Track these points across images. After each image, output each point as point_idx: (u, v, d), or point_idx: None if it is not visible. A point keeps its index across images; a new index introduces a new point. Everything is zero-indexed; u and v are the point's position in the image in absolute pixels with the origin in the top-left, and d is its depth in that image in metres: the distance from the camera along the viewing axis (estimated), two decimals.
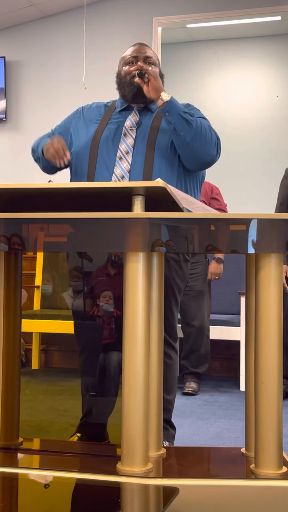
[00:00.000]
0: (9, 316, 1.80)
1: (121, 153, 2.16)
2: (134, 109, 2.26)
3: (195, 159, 2.17)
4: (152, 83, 2.14)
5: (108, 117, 2.27)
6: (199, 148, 2.13)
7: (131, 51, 2.30)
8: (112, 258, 2.11)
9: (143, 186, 1.55)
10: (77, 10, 5.49)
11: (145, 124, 2.22)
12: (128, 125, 2.22)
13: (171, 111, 2.12)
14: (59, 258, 2.52)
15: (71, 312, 2.21)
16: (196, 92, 6.28)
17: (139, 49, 2.30)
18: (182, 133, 2.11)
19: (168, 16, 5.36)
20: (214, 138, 2.18)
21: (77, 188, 1.63)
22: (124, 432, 1.55)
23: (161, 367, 1.75)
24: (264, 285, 1.55)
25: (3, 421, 1.77)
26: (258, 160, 6.11)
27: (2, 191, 1.64)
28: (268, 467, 1.54)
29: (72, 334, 2.19)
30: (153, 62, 2.28)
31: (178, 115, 2.12)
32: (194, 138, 2.12)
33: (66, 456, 1.75)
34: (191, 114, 2.15)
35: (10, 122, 5.73)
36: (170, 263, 2.16)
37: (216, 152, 2.20)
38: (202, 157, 2.16)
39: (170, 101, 2.13)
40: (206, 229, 1.55)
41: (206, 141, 2.14)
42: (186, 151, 2.14)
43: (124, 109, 2.28)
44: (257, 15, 5.25)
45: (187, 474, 1.66)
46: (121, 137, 2.19)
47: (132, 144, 2.17)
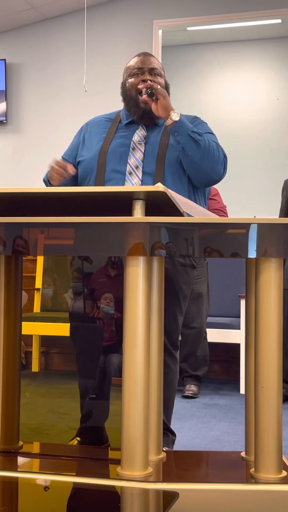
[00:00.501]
0: (10, 318, 1.80)
1: (130, 168, 2.15)
2: (141, 124, 2.24)
3: (202, 178, 2.18)
4: (162, 102, 2.12)
5: (113, 130, 2.26)
6: (207, 167, 2.14)
7: (135, 61, 2.26)
8: (112, 259, 2.11)
9: (144, 190, 1.55)
10: (77, 12, 5.50)
11: (153, 140, 2.21)
12: (137, 139, 2.20)
13: (180, 131, 2.12)
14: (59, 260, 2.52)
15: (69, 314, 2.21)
16: (197, 95, 6.30)
17: (143, 60, 2.26)
18: (191, 153, 2.11)
19: (168, 19, 5.37)
20: (221, 156, 2.18)
21: (78, 193, 1.64)
22: (124, 436, 1.55)
23: (161, 371, 1.75)
24: (264, 290, 1.56)
25: (3, 424, 1.77)
26: (258, 162, 6.12)
27: (3, 195, 1.64)
28: (268, 471, 1.54)
29: None
30: (159, 74, 2.26)
31: (187, 135, 2.11)
32: (202, 158, 2.12)
33: (66, 460, 1.75)
34: (200, 133, 2.14)
35: (10, 125, 5.74)
36: (177, 268, 2.16)
37: (223, 170, 2.20)
38: (210, 176, 2.17)
39: (179, 121, 2.12)
40: (206, 233, 1.55)
41: (214, 160, 2.15)
42: (194, 170, 2.15)
43: (130, 122, 2.26)
44: (257, 18, 5.26)
45: (187, 478, 1.66)
46: (130, 151, 2.18)
47: (141, 158, 2.16)
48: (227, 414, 3.43)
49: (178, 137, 2.12)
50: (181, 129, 2.12)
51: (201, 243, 1.56)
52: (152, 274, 1.71)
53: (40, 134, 5.62)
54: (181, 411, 3.47)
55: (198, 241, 1.55)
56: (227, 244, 1.55)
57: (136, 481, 1.52)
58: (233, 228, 1.55)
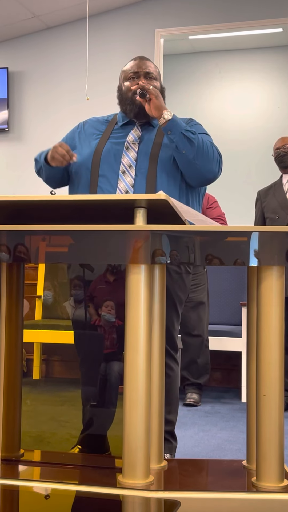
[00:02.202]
0: (11, 326, 1.81)
1: (124, 167, 2.16)
2: (136, 124, 2.26)
3: (197, 176, 2.18)
4: (154, 102, 2.14)
5: (109, 132, 2.28)
6: (201, 165, 2.14)
7: (131, 65, 2.30)
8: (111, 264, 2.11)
9: (145, 198, 1.55)
10: (79, 21, 5.53)
11: (147, 139, 2.22)
12: (131, 139, 2.22)
13: (173, 130, 2.13)
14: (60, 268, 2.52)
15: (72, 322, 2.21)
16: (198, 103, 6.32)
17: (139, 64, 2.29)
18: (184, 151, 2.12)
19: (170, 27, 5.39)
20: (216, 155, 2.19)
21: (80, 201, 1.64)
22: (126, 444, 1.54)
23: (163, 379, 1.75)
24: (266, 298, 1.56)
25: (4, 432, 1.77)
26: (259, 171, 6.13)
27: (5, 203, 1.65)
28: (269, 480, 1.54)
29: (73, 344, 2.19)
30: (154, 77, 2.28)
31: (180, 133, 2.12)
32: (196, 156, 2.12)
33: (67, 468, 1.74)
34: (193, 132, 2.15)
35: (12, 132, 5.76)
36: (172, 275, 2.16)
37: (218, 169, 2.21)
38: (204, 175, 2.17)
39: (172, 120, 2.13)
40: (208, 241, 1.56)
41: (208, 158, 2.15)
42: (188, 168, 2.15)
43: (126, 123, 2.28)
44: (258, 27, 5.29)
45: (188, 486, 1.65)
46: (124, 151, 2.19)
47: (135, 157, 2.18)
48: (229, 422, 3.42)
49: (172, 135, 2.13)
50: (174, 128, 2.13)
51: (203, 251, 1.56)
52: (153, 281, 1.71)
53: (42, 142, 5.62)
54: (183, 419, 3.47)
55: (200, 249, 1.56)
56: (229, 252, 1.55)
57: (138, 489, 1.51)
58: (234, 236, 1.55)
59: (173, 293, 2.15)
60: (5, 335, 1.79)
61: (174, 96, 6.05)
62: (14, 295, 1.81)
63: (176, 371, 2.24)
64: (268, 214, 3.97)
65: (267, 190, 4.09)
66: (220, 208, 4.10)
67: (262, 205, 4.03)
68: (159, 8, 5.40)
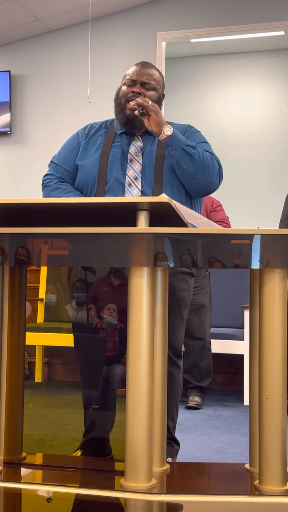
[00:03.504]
0: (14, 329, 1.81)
1: (130, 179, 2.17)
2: (136, 135, 2.25)
3: (198, 189, 2.20)
4: (154, 119, 2.14)
5: (110, 141, 2.26)
6: (202, 179, 2.16)
7: (132, 71, 2.28)
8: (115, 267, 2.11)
9: (148, 201, 1.55)
10: (82, 25, 5.54)
11: (150, 151, 2.22)
12: (133, 151, 2.22)
13: (173, 145, 2.13)
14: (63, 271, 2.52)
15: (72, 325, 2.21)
16: (200, 107, 6.32)
17: (139, 71, 2.26)
18: (186, 167, 2.12)
19: (172, 31, 5.40)
20: (216, 167, 2.19)
21: (82, 204, 1.64)
22: (128, 447, 1.54)
23: (165, 382, 1.75)
24: (268, 300, 1.55)
25: (6, 435, 1.76)
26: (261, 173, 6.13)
27: (7, 206, 1.65)
28: (272, 483, 1.53)
29: None
30: (152, 87, 2.25)
31: (180, 149, 2.12)
32: (197, 171, 2.13)
33: (69, 471, 1.74)
34: (194, 146, 2.15)
35: (15, 136, 5.77)
36: (177, 274, 2.18)
37: (219, 181, 2.22)
38: (205, 187, 2.19)
39: (172, 135, 2.13)
40: (210, 244, 1.56)
41: (208, 172, 2.16)
42: (189, 182, 2.17)
43: (125, 132, 2.28)
44: (260, 30, 5.29)
45: (191, 490, 1.65)
46: (128, 164, 2.19)
47: (140, 170, 2.18)
48: (231, 426, 3.41)
49: (172, 151, 2.14)
50: (174, 144, 2.13)
51: (205, 254, 1.56)
52: (156, 284, 1.71)
53: (44, 145, 5.64)
54: (185, 422, 3.46)
55: (202, 251, 1.55)
56: (231, 254, 1.55)
57: (140, 492, 1.51)
58: (236, 239, 1.55)
59: (177, 292, 2.16)
60: (8, 338, 1.79)
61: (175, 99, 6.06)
62: (16, 298, 1.81)
63: (177, 378, 2.23)
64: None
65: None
66: (224, 211, 4.10)
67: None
68: (161, 11, 5.41)
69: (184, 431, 3.25)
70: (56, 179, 2.32)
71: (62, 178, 2.32)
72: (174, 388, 2.19)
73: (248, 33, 5.37)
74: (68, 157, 2.32)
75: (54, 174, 2.33)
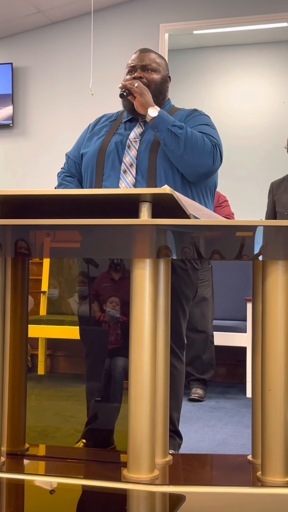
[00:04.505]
0: (16, 321, 1.81)
1: (125, 166, 2.15)
2: (139, 121, 2.25)
3: (190, 171, 2.13)
4: (138, 100, 2.13)
5: (114, 129, 2.27)
6: (191, 160, 2.09)
7: (132, 59, 2.29)
8: (114, 261, 2.11)
9: (150, 192, 1.55)
10: (84, 16, 5.52)
11: (148, 136, 2.20)
12: (132, 137, 2.21)
13: (159, 126, 2.10)
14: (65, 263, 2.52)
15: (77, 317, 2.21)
16: (203, 99, 6.30)
17: (138, 57, 2.27)
18: (172, 148, 2.08)
19: (175, 22, 5.38)
20: (208, 147, 2.12)
21: (85, 195, 1.64)
22: (131, 439, 1.55)
23: (168, 374, 1.75)
24: (271, 292, 1.55)
25: (9, 427, 1.77)
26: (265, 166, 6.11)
27: (10, 197, 1.64)
28: (275, 474, 1.54)
29: (78, 340, 2.19)
30: (153, 69, 2.25)
31: (166, 129, 2.09)
32: (185, 151, 2.08)
33: (72, 462, 1.75)
34: (181, 126, 2.11)
35: (17, 128, 5.76)
36: (177, 271, 2.13)
37: (213, 161, 2.14)
38: (196, 169, 2.12)
39: (157, 116, 2.11)
40: (213, 235, 1.55)
41: (198, 152, 2.09)
42: (179, 164, 2.12)
43: (130, 120, 2.27)
44: (263, 21, 5.27)
45: (193, 481, 1.65)
46: (126, 150, 2.18)
47: (136, 156, 2.16)
48: (233, 418, 3.42)
49: (158, 133, 2.11)
50: (160, 125, 2.10)
51: (208, 245, 1.55)
52: (158, 276, 1.71)
53: (47, 137, 5.63)
54: (187, 414, 3.47)
55: (205, 243, 1.55)
56: (234, 246, 1.55)
57: (143, 483, 1.51)
58: (239, 231, 1.55)
59: (178, 290, 2.13)
60: (10, 331, 1.79)
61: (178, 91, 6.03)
62: (19, 291, 1.81)
63: (180, 370, 2.22)
64: (278, 208, 3.87)
65: (280, 183, 3.96)
66: (229, 207, 4.09)
67: (274, 198, 3.93)
68: (164, 3, 5.39)
69: (187, 423, 3.25)
70: (65, 173, 2.37)
71: (70, 171, 2.36)
72: (177, 380, 2.19)
73: (251, 24, 5.35)
74: (77, 149, 2.36)
75: (65, 167, 2.38)
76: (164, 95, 2.29)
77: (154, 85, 2.23)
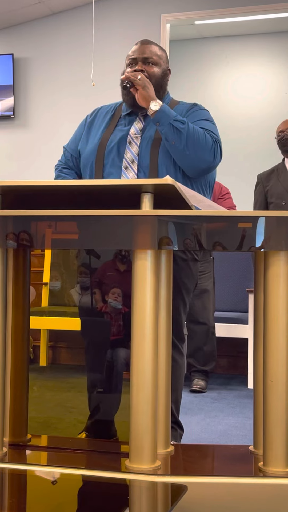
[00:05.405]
0: (18, 313, 1.81)
1: (126, 162, 2.14)
2: (139, 115, 2.23)
3: (191, 167, 2.12)
4: (141, 93, 2.11)
5: (114, 123, 2.25)
6: (193, 155, 2.09)
7: (132, 51, 2.26)
8: (121, 253, 2.10)
9: (152, 183, 1.55)
10: (85, 7, 5.49)
11: (149, 132, 2.18)
12: (133, 132, 2.19)
13: (161, 121, 2.09)
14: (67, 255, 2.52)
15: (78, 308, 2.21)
16: (204, 90, 6.27)
17: (139, 49, 2.25)
18: (174, 142, 2.07)
19: (176, 12, 5.34)
20: (209, 143, 2.11)
21: (86, 186, 1.64)
22: (132, 429, 1.55)
23: (169, 365, 1.75)
24: (273, 283, 1.55)
25: (11, 418, 1.77)
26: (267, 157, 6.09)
27: (11, 188, 1.64)
28: (276, 465, 1.54)
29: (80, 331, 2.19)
30: (154, 62, 2.23)
31: (168, 124, 2.08)
32: (187, 146, 2.07)
33: (74, 453, 1.75)
34: (182, 121, 2.10)
35: (18, 119, 5.74)
36: (178, 262, 2.13)
37: (213, 157, 2.13)
38: (197, 164, 2.12)
39: (159, 110, 2.09)
40: (215, 226, 1.55)
41: (199, 147, 2.09)
42: (180, 159, 2.11)
43: (129, 114, 2.26)
44: (265, 11, 5.23)
45: (195, 471, 1.66)
46: (127, 145, 2.17)
47: (137, 152, 2.15)
48: (235, 409, 3.43)
49: (160, 127, 2.09)
50: (162, 119, 2.09)
51: (209, 236, 1.55)
52: (160, 267, 1.71)
53: (48, 128, 5.61)
54: (189, 405, 3.48)
55: (206, 234, 1.55)
56: (235, 237, 1.55)
57: (145, 474, 1.52)
58: (241, 221, 1.54)
59: (179, 281, 2.13)
60: (12, 322, 1.79)
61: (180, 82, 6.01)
62: (20, 282, 1.81)
63: (180, 363, 2.22)
64: (273, 199, 3.86)
65: (269, 174, 3.96)
66: (232, 199, 4.08)
67: (265, 190, 3.92)
68: None
69: (188, 414, 3.26)
70: (62, 165, 2.36)
71: (67, 164, 2.34)
72: (176, 371, 2.19)
73: (253, 14, 5.31)
74: (74, 142, 2.35)
75: (62, 160, 2.37)
76: (164, 89, 2.28)
77: (155, 79, 2.21)
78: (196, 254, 2.22)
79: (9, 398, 1.77)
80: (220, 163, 2.22)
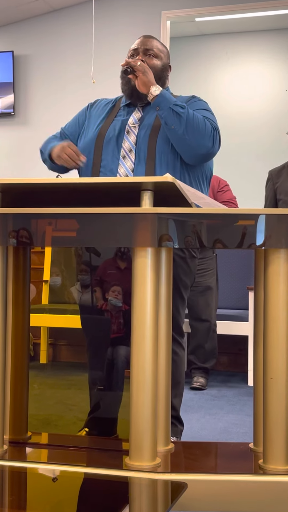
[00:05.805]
0: (18, 310, 1.81)
1: (124, 151, 2.15)
2: (138, 106, 2.24)
3: (190, 153, 2.12)
4: (141, 78, 2.12)
5: (114, 114, 2.26)
6: (192, 140, 2.09)
7: (135, 44, 2.30)
8: (121, 250, 2.10)
9: (152, 181, 1.54)
10: (85, 4, 5.48)
11: (147, 121, 2.19)
12: (131, 122, 2.20)
13: (161, 105, 2.10)
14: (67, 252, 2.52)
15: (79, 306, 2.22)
16: (205, 86, 6.26)
17: (142, 41, 2.28)
18: (173, 127, 2.08)
19: (177, 9, 5.33)
20: (209, 129, 2.12)
21: (85, 184, 1.63)
22: (133, 427, 1.55)
23: (169, 362, 1.75)
24: (273, 281, 1.55)
25: (12, 415, 1.78)
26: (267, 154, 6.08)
27: (11, 186, 1.64)
28: (276, 462, 1.54)
29: (81, 329, 2.19)
30: (155, 55, 2.25)
31: (168, 108, 2.08)
32: (186, 131, 2.07)
33: (74, 450, 1.75)
34: (182, 106, 2.10)
35: (18, 117, 5.74)
36: (176, 260, 2.14)
37: (212, 143, 2.13)
38: (196, 150, 2.12)
39: (160, 95, 2.10)
40: (215, 224, 1.55)
41: (199, 133, 2.09)
42: (179, 144, 2.11)
43: (128, 105, 2.26)
44: (266, 8, 5.22)
45: (195, 469, 1.66)
46: (125, 135, 2.17)
47: (135, 141, 2.15)
48: (235, 406, 3.43)
49: (160, 111, 2.10)
50: (162, 103, 2.10)
51: (210, 234, 1.55)
52: (160, 265, 1.70)
53: (48, 126, 5.60)
54: (189, 402, 3.48)
55: (206, 231, 1.55)
56: (236, 235, 1.54)
57: (145, 471, 1.52)
58: (241, 219, 1.54)
59: (176, 277, 2.14)
60: (12, 319, 1.79)
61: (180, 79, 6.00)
62: (20, 279, 1.81)
63: (181, 356, 2.23)
64: (281, 196, 3.84)
65: (279, 171, 3.94)
66: (231, 191, 4.08)
67: (275, 186, 3.90)
68: None
69: (189, 411, 3.26)
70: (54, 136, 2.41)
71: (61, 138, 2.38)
72: (178, 366, 2.20)
73: (254, 11, 5.30)
74: (72, 126, 2.38)
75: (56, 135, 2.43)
76: (163, 83, 2.28)
77: (155, 70, 2.22)
78: (194, 252, 2.22)
79: (9, 395, 1.77)
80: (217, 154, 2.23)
